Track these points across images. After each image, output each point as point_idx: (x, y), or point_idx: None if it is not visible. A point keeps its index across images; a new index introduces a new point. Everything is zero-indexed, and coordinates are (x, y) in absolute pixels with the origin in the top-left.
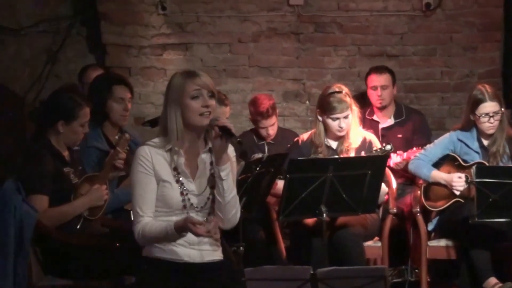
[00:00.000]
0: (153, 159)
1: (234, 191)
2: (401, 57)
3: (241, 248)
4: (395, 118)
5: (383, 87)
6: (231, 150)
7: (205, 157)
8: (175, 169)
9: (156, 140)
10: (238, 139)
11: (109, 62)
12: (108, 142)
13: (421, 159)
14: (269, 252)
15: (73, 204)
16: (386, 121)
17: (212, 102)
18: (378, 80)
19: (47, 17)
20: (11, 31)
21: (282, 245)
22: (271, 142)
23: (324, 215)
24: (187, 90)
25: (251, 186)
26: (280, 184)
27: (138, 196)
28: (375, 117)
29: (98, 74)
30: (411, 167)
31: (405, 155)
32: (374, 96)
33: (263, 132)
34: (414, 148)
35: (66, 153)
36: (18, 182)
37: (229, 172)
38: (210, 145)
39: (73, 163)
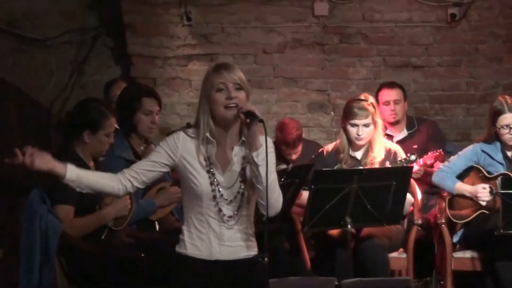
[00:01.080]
0: (182, 146)
1: (273, 176)
2: (426, 68)
3: (265, 258)
4: (407, 129)
5: (396, 102)
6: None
7: (238, 150)
8: (206, 159)
9: (191, 130)
10: (259, 118)
11: (135, 73)
12: (134, 153)
13: (444, 171)
14: (294, 263)
15: (98, 214)
16: (399, 134)
17: (240, 94)
18: (390, 94)
19: (73, 28)
20: (37, 41)
21: (307, 256)
22: None
23: (349, 226)
24: (213, 83)
25: None
26: (304, 195)
27: (140, 161)
28: (388, 132)
29: (127, 86)
30: (435, 179)
31: (421, 161)
32: (387, 111)
33: (285, 156)
34: (429, 153)
35: (91, 164)
36: (43, 192)
37: (264, 157)
38: (243, 138)
39: None
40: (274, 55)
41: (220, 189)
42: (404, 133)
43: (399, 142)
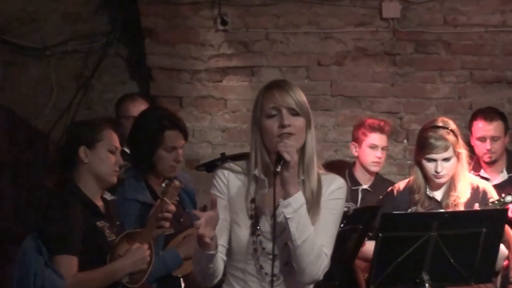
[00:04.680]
0: (229, 182)
1: (306, 234)
2: None
3: None
4: (508, 171)
5: (494, 139)
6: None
7: None
8: (252, 201)
9: (241, 162)
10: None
11: (155, 90)
12: (152, 193)
13: None
14: None
15: (109, 267)
16: (497, 176)
17: (296, 121)
18: (486, 129)
19: (78, 34)
20: (34, 51)
21: None
22: (368, 189)
23: (427, 285)
24: (263, 108)
25: (334, 248)
26: (369, 245)
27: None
28: (482, 173)
29: (144, 111)
30: None
31: None
32: (481, 149)
33: (370, 156)
34: None
35: (100, 204)
36: (38, 241)
37: (298, 209)
38: (302, 177)
39: (109, 216)
40: (331, 68)
41: (262, 241)
42: (503, 176)
43: (498, 187)
